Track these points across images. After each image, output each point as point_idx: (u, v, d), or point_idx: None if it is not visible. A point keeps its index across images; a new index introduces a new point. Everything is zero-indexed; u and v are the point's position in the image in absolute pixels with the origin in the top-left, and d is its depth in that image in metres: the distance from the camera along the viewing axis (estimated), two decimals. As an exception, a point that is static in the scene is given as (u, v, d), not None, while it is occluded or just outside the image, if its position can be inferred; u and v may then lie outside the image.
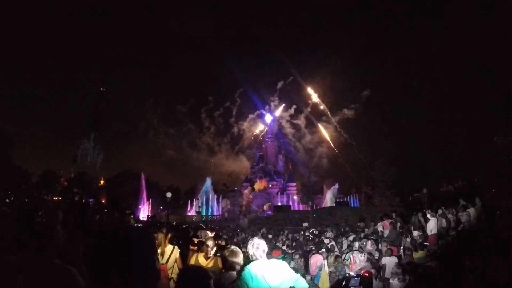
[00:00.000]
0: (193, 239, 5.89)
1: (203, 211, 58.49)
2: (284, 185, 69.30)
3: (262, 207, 62.36)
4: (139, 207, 54.61)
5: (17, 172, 47.70)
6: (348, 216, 33.21)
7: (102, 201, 40.79)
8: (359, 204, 55.91)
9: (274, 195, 66.15)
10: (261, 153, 76.51)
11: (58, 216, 4.31)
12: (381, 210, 23.20)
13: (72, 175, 58.23)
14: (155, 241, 3.29)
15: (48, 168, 57.65)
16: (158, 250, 5.18)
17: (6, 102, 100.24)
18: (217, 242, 5.28)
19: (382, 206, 25.99)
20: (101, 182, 62.55)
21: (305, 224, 26.96)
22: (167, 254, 5.39)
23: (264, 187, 68.56)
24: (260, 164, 73.47)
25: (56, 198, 47.17)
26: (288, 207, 55.16)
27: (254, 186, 68.85)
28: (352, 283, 4.99)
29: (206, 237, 5.46)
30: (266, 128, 79.93)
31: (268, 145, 77.18)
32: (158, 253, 4.97)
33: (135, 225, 11.57)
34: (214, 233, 7.06)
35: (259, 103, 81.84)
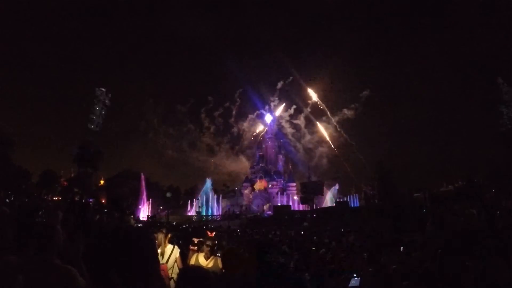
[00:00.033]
0: (193, 239, 5.89)
1: (203, 211, 58.52)
2: (284, 185, 69.29)
3: (262, 207, 62.35)
4: (139, 207, 54.60)
5: (17, 172, 47.73)
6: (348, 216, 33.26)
7: (102, 201, 40.77)
8: (359, 204, 56.04)
9: (274, 195, 66.13)
10: (261, 153, 76.46)
11: (58, 216, 4.31)
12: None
13: (72, 175, 58.29)
14: (155, 241, 3.29)
15: (48, 168, 57.67)
16: (158, 250, 5.19)
17: (6, 102, 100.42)
18: (217, 242, 5.28)
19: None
20: (101, 182, 62.60)
21: (305, 224, 27.01)
22: (167, 254, 5.41)
23: (264, 187, 68.53)
24: (260, 164, 73.42)
25: (56, 198, 47.26)
26: (288, 207, 55.20)
27: (254, 186, 68.85)
28: (352, 283, 4.99)
29: (206, 237, 5.46)
30: (266, 128, 79.99)
31: (268, 145, 77.17)
32: (158, 253, 4.97)
33: (135, 225, 11.57)
34: (214, 233, 7.06)
35: (259, 103, 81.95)
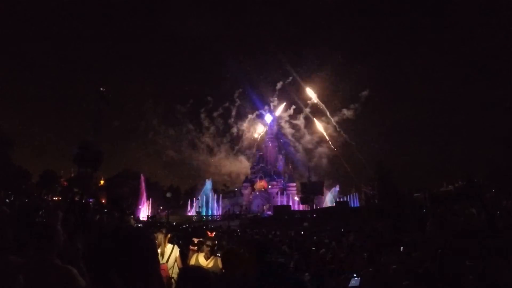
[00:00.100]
0: (193, 239, 5.89)
1: (203, 212, 58.53)
2: (284, 185, 69.28)
3: (262, 207, 62.33)
4: (139, 207, 54.63)
5: (17, 172, 47.76)
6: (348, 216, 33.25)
7: (102, 201, 40.81)
8: (359, 204, 56.04)
9: (274, 195, 66.12)
10: (261, 153, 76.48)
11: (58, 216, 4.30)
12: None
13: (72, 175, 58.28)
14: (155, 241, 3.30)
15: (48, 168, 57.84)
16: (158, 250, 5.19)
17: (6, 102, 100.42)
18: (217, 242, 5.28)
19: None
20: (101, 182, 62.61)
21: (305, 224, 27.00)
22: (167, 254, 5.42)
23: (264, 187, 68.52)
24: (260, 164, 73.42)
25: (56, 198, 47.29)
26: (288, 207, 55.17)
27: (254, 186, 68.83)
28: (352, 283, 4.98)
29: (206, 237, 5.47)
30: (266, 128, 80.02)
31: (268, 145, 77.15)
32: (158, 253, 4.97)
33: (135, 225, 11.56)
34: (214, 233, 7.06)
35: (258, 103, 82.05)
